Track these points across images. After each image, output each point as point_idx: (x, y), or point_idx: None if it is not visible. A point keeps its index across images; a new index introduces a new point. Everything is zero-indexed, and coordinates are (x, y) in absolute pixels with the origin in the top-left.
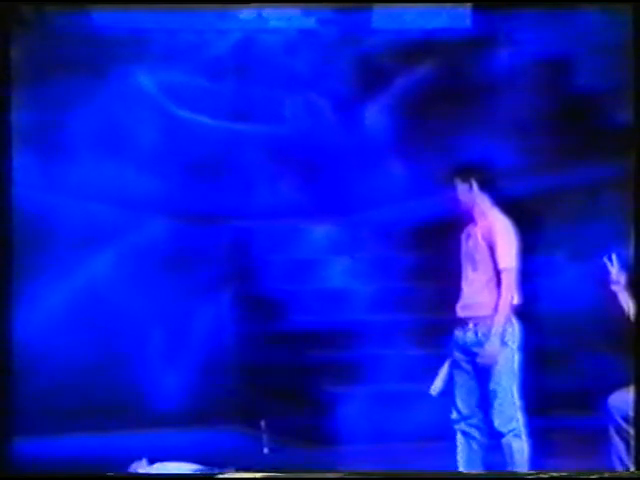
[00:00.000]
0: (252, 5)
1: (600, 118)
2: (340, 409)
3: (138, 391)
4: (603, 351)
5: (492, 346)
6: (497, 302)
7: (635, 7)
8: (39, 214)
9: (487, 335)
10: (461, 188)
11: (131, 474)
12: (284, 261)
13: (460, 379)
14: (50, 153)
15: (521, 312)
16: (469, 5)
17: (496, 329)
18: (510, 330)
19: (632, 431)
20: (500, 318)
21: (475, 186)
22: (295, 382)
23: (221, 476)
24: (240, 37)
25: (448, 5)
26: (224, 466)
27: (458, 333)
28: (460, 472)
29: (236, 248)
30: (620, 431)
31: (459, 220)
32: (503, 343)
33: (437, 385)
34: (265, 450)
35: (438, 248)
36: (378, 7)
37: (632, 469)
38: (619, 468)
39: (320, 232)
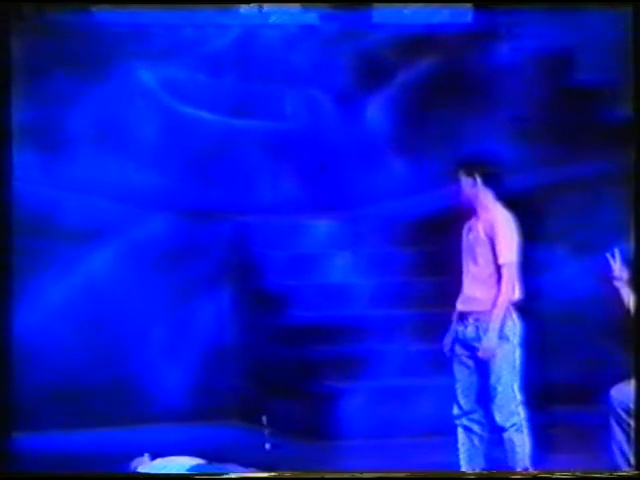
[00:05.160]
0: (252, 3)
1: (601, 113)
2: (342, 404)
3: (139, 386)
4: (604, 345)
5: (490, 341)
6: (497, 297)
7: (635, 4)
8: (40, 209)
9: (486, 330)
10: (465, 182)
11: (131, 474)
12: (285, 256)
13: (461, 374)
14: (51, 148)
15: (522, 307)
16: (469, 5)
17: (494, 324)
18: (511, 325)
19: (633, 423)
20: (499, 313)
21: (479, 180)
22: (296, 377)
23: (222, 476)
24: (241, 32)
25: (448, 4)
26: (225, 461)
27: (458, 328)
28: (462, 472)
29: (237, 243)
30: (621, 423)
31: (460, 215)
32: (504, 338)
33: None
34: (267, 445)
35: (439, 243)
36: (379, 4)
37: (632, 462)
38: (620, 460)
39: (321, 227)
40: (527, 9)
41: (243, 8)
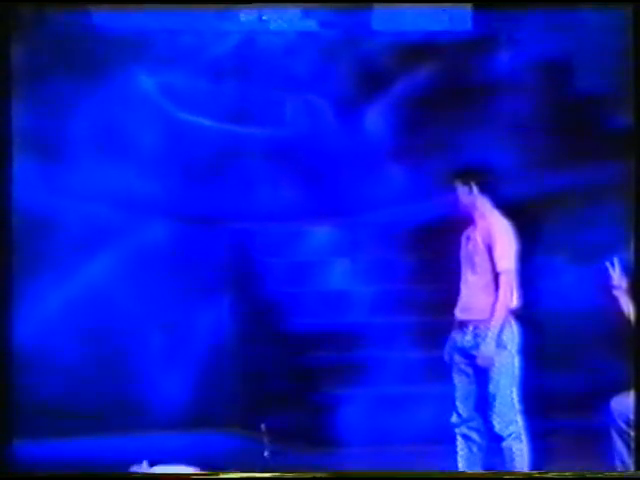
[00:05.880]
0: (253, 4)
1: (601, 121)
2: (341, 411)
3: (138, 393)
4: (603, 354)
5: (488, 348)
6: (495, 305)
7: (635, 8)
8: (40, 216)
9: (485, 338)
10: (461, 191)
11: (131, 474)
12: (285, 263)
13: (460, 382)
14: (51, 154)
15: (521, 315)
16: (469, 5)
17: (492, 332)
18: (509, 333)
19: (633, 434)
20: (497, 321)
21: (475, 189)
22: (296, 384)
23: (222, 476)
24: (241, 39)
25: (448, 5)
26: (224, 469)
27: (457, 336)
28: (461, 472)
29: (237, 250)
30: (622, 434)
31: (459, 223)
32: (502, 346)
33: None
34: (265, 453)
35: (438, 250)
36: (379, 8)
37: (632, 469)
38: (620, 470)
39: (321, 234)
40: (527, 14)
41: (243, 14)
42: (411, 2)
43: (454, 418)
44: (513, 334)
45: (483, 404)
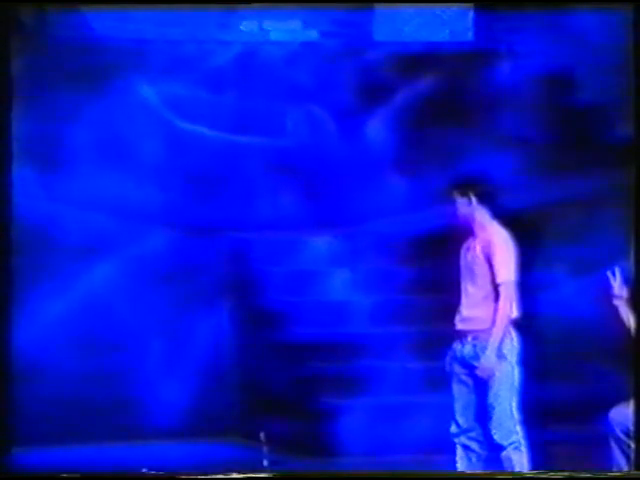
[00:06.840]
0: (254, 8)
1: (600, 132)
2: (340, 421)
3: (137, 402)
4: (603, 364)
5: (488, 359)
6: (495, 315)
7: (636, 8)
8: (40, 224)
9: (485, 349)
10: (460, 202)
11: (131, 474)
12: (284, 273)
13: (460, 392)
14: (51, 163)
15: (520, 325)
16: (470, 12)
17: (492, 342)
18: (509, 344)
19: (632, 444)
20: (497, 331)
21: (474, 200)
22: (295, 394)
23: (223, 476)
24: (242, 49)
25: (448, 5)
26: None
27: (457, 346)
28: (460, 472)
29: (236, 260)
30: (621, 444)
31: (459, 233)
32: (502, 357)
33: None
34: (264, 462)
35: (438, 261)
36: (380, 19)
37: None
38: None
39: (320, 244)
40: (529, 26)
41: (244, 24)
42: (412, 2)
43: (454, 428)
44: (513, 345)
45: (483, 414)
